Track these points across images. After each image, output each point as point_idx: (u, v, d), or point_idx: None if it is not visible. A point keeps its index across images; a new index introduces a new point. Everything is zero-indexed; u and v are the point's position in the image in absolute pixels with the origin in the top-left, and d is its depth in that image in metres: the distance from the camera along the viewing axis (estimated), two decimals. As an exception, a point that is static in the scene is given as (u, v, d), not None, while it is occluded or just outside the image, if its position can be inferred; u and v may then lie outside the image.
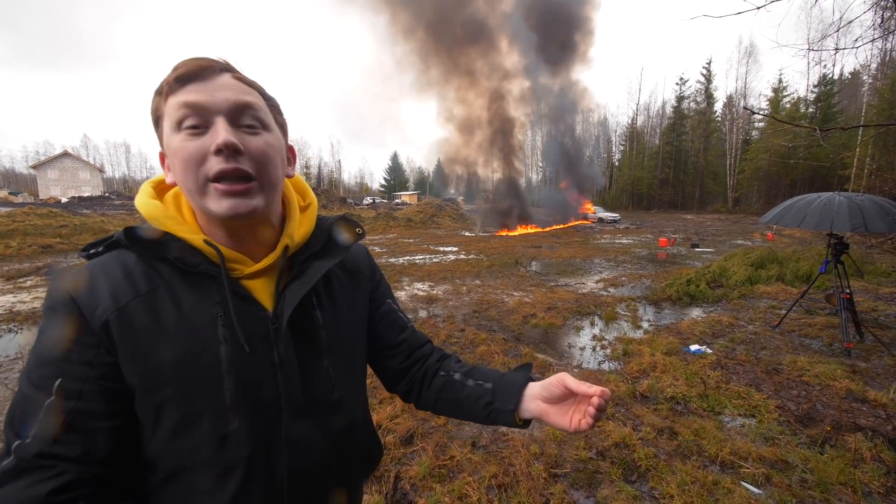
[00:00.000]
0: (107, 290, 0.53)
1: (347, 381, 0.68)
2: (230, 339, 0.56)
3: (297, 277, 0.62)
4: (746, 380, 3.37)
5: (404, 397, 0.81)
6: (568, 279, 7.94)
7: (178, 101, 0.53)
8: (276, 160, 0.58)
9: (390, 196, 59.19)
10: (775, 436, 2.58)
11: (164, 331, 0.54)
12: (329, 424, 0.64)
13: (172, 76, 0.54)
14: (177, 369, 0.53)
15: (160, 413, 0.54)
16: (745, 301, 5.94)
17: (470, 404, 0.73)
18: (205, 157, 0.53)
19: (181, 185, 0.56)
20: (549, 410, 0.67)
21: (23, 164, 71.43)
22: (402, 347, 0.79)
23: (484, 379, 0.74)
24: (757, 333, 4.54)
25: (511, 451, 2.40)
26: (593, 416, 0.62)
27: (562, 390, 0.65)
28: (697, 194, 43.52)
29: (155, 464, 0.55)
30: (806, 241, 13.63)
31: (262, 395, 0.57)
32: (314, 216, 0.69)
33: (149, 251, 0.56)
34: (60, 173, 44.26)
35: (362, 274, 0.76)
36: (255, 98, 0.57)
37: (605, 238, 16.86)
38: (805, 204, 4.18)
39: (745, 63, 40.40)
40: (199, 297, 0.56)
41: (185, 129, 0.53)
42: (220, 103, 0.54)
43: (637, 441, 2.47)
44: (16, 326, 4.80)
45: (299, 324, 0.61)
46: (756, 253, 7.84)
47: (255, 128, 0.56)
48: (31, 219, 13.37)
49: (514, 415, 0.69)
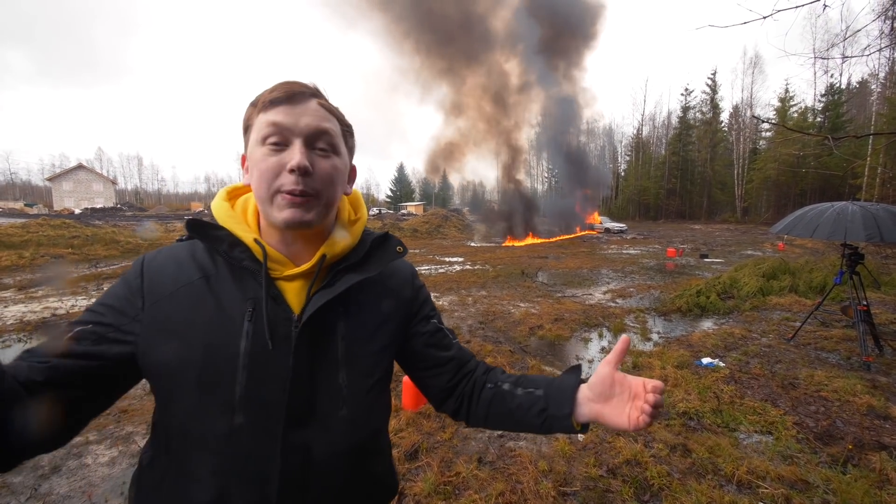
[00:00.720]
0: (170, 273, 0.62)
1: (362, 401, 0.66)
2: (252, 335, 0.59)
3: (327, 286, 0.65)
4: (762, 394, 3.26)
5: (454, 415, 0.79)
6: (575, 290, 7.86)
7: (268, 119, 0.60)
8: (338, 182, 0.65)
9: (396, 207, 59.56)
10: (794, 454, 2.48)
11: (201, 320, 0.59)
12: (331, 441, 0.62)
13: (268, 96, 0.61)
14: (200, 356, 0.58)
15: (176, 394, 0.58)
16: (758, 313, 5.81)
17: (522, 414, 0.71)
18: (280, 171, 0.59)
19: (254, 191, 0.63)
20: (603, 411, 0.65)
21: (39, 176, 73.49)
22: (450, 365, 0.77)
23: (534, 386, 0.72)
24: (771, 346, 4.42)
25: (518, 468, 2.33)
26: (650, 413, 0.61)
27: (608, 387, 0.65)
28: (705, 204, 43.18)
29: (165, 435, 0.60)
30: (818, 251, 13.39)
31: (269, 395, 0.59)
32: (360, 231, 0.72)
33: (205, 242, 0.64)
34: (75, 185, 45.35)
35: (401, 293, 0.76)
36: (332, 125, 0.64)
37: (612, 248, 16.73)
38: (817, 213, 4.10)
39: (751, 73, 40.41)
40: (237, 291, 0.62)
41: (269, 145, 0.60)
42: (302, 128, 0.61)
43: (649, 458, 2.38)
44: (25, 336, 4.85)
45: (319, 331, 0.63)
46: (767, 263, 7.70)
47: (327, 151, 0.63)
48: (45, 230, 13.63)
49: (570, 419, 0.67)
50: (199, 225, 0.64)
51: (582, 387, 0.68)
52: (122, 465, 2.39)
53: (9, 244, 12.20)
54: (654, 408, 0.60)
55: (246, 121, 0.64)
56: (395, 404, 3.02)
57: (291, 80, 0.63)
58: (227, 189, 0.72)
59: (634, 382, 0.63)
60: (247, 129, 0.64)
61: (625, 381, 0.64)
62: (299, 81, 0.64)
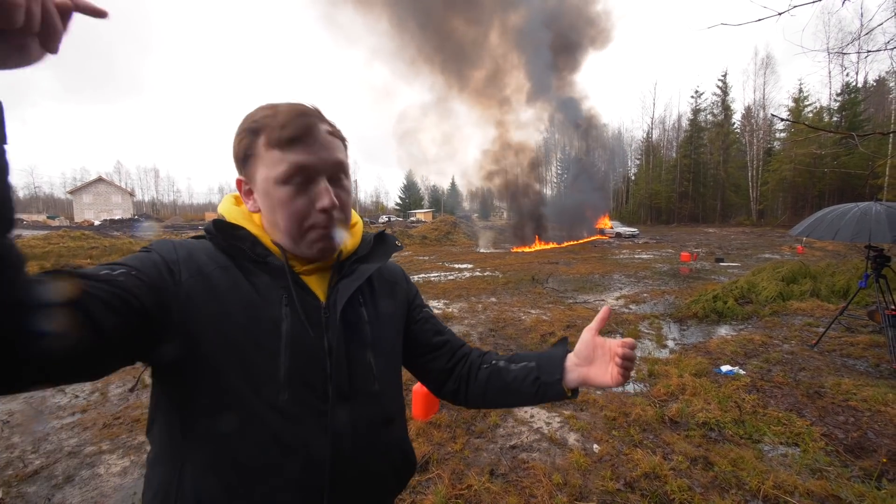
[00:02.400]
0: (199, 260, 0.61)
1: (386, 378, 0.73)
2: (291, 318, 0.62)
3: (347, 276, 0.70)
4: (786, 404, 3.13)
5: (453, 397, 0.85)
6: (586, 296, 7.73)
7: (290, 161, 0.60)
8: (351, 202, 0.69)
9: (405, 214, 59.88)
10: (823, 467, 2.36)
11: (242, 298, 0.60)
12: (370, 414, 0.68)
13: (280, 133, 0.60)
14: (244, 333, 0.59)
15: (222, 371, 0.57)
16: (778, 318, 5.62)
17: (518, 385, 0.77)
18: (309, 212, 0.62)
19: (280, 227, 0.63)
20: (588, 373, 0.73)
21: (61, 189, 75.98)
22: (446, 348, 0.84)
23: (526, 360, 0.79)
24: (794, 353, 4.25)
25: (532, 481, 2.26)
26: (621, 365, 0.69)
27: (590, 351, 0.73)
28: (719, 207, 42.37)
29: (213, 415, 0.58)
30: (840, 254, 12.98)
31: (312, 375, 0.62)
32: (360, 232, 0.77)
33: (227, 241, 0.64)
34: (94, 197, 46.71)
35: (399, 285, 0.83)
36: (343, 154, 0.66)
37: (624, 253, 16.48)
38: (839, 215, 3.96)
39: (763, 74, 39.79)
40: (268, 280, 0.64)
41: (293, 185, 0.61)
42: (324, 165, 0.62)
43: (668, 471, 2.29)
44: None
45: (348, 316, 0.68)
46: (786, 267, 7.47)
47: (342, 180, 0.66)
48: (65, 241, 14.04)
49: (560, 384, 0.73)
50: (223, 225, 0.65)
51: (569, 355, 0.76)
52: (133, 475, 2.39)
53: (31, 255, 12.59)
54: (625, 360, 0.69)
55: (245, 149, 0.63)
56: (406, 414, 2.98)
57: (297, 108, 0.62)
58: (233, 195, 0.73)
59: (612, 343, 0.71)
60: (247, 158, 0.63)
61: (604, 344, 0.72)
62: (304, 107, 0.63)
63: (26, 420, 3.09)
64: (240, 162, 0.65)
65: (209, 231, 0.66)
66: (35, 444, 2.75)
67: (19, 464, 2.53)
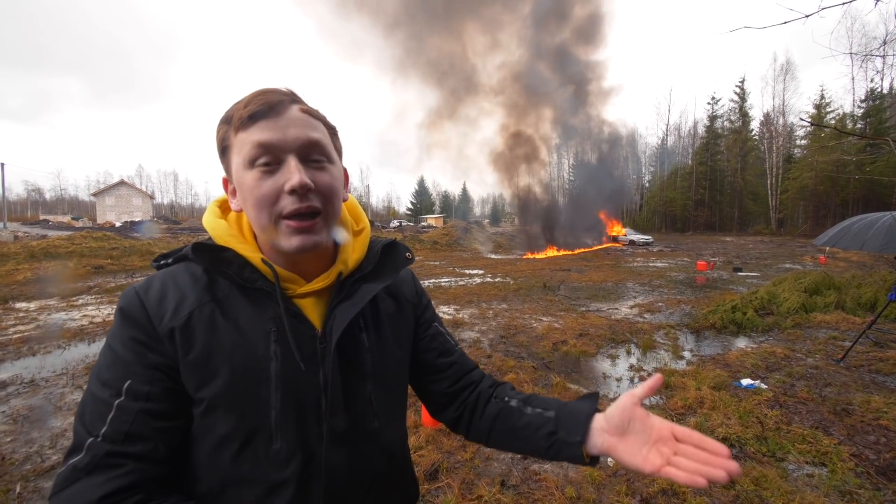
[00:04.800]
0: (173, 299, 0.56)
1: (388, 412, 0.66)
2: (281, 356, 0.56)
3: (347, 299, 0.62)
4: (811, 421, 3.00)
5: (453, 425, 0.76)
6: (600, 304, 7.60)
7: (251, 140, 0.54)
8: (339, 192, 0.61)
9: (416, 219, 60.13)
10: (853, 489, 2.24)
11: (221, 344, 0.55)
12: (367, 452, 0.62)
13: (245, 112, 0.55)
14: (229, 382, 0.54)
15: (208, 425, 0.55)
16: (801, 331, 5.42)
17: (529, 433, 0.66)
18: (278, 195, 0.54)
19: (252, 220, 0.58)
20: (618, 445, 0.58)
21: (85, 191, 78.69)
22: (451, 371, 0.76)
23: (544, 407, 0.67)
24: (818, 368, 4.08)
25: (544, 493, 2.20)
26: (669, 459, 0.54)
27: (626, 421, 0.58)
28: (737, 215, 41.42)
29: (200, 476, 0.56)
30: (865, 265, 12.51)
31: (305, 416, 0.57)
32: (367, 240, 0.69)
33: (212, 265, 0.58)
34: (116, 200, 48.26)
35: (407, 299, 0.74)
36: (321, 133, 0.59)
37: (638, 261, 16.20)
38: (866, 225, 3.82)
39: (783, 80, 38.99)
40: (254, 311, 0.57)
41: (259, 167, 0.54)
42: (292, 141, 0.55)
43: (687, 489, 2.20)
44: (64, 343, 5.08)
45: (346, 345, 0.61)
46: (809, 278, 7.21)
47: (322, 162, 0.58)
48: (88, 242, 14.48)
49: (580, 448, 0.61)
50: (205, 249, 0.58)
51: (597, 416, 0.62)
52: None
53: (55, 255, 13.02)
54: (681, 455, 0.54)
55: (221, 142, 0.58)
56: (415, 420, 2.95)
57: (265, 88, 0.57)
58: (216, 202, 0.66)
59: (659, 425, 0.57)
60: (224, 150, 0.58)
61: (647, 420, 0.58)
62: (274, 88, 0.58)
63: (44, 416, 3.16)
64: (221, 157, 0.60)
65: (190, 258, 0.59)
66: (53, 440, 2.80)
67: (37, 459, 2.58)
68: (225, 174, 0.62)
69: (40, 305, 7.30)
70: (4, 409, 3.28)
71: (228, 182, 0.62)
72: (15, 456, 2.61)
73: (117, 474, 0.49)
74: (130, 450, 0.51)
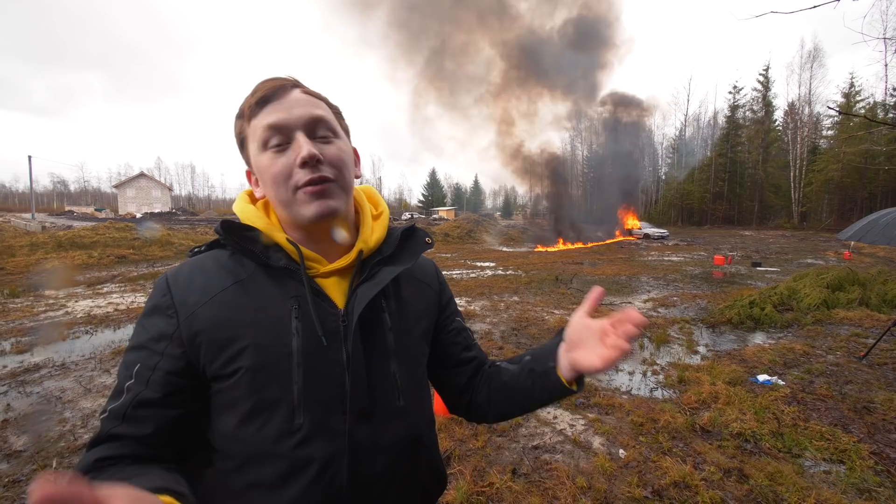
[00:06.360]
0: (200, 283, 0.60)
1: (413, 391, 0.67)
2: (303, 332, 0.58)
3: (369, 279, 0.64)
4: (830, 418, 2.94)
5: (467, 414, 0.80)
6: (613, 298, 7.53)
7: (262, 124, 0.59)
8: (349, 164, 0.64)
9: (428, 211, 60.14)
10: (872, 487, 2.20)
11: (244, 321, 0.57)
12: (393, 433, 0.62)
13: (252, 100, 0.60)
14: (252, 358, 0.56)
15: (232, 399, 0.56)
16: (822, 327, 5.29)
17: (515, 382, 0.72)
18: (291, 170, 0.59)
19: (273, 199, 0.62)
20: (576, 356, 0.64)
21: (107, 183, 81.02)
22: (471, 366, 0.79)
23: (523, 355, 0.75)
24: (839, 365, 3.99)
25: (555, 483, 2.23)
26: (612, 344, 0.60)
27: (577, 331, 0.65)
28: (757, 209, 40.24)
29: (221, 450, 0.57)
30: (892, 260, 12.07)
31: (328, 392, 0.58)
32: (386, 224, 0.72)
33: (238, 243, 0.61)
34: (137, 192, 49.52)
35: (430, 287, 0.77)
36: (324, 111, 0.63)
37: (653, 255, 15.93)
38: (894, 218, 3.68)
39: (809, 67, 37.36)
40: (277, 290, 0.60)
41: (271, 149, 0.59)
42: (297, 119, 0.60)
43: (700, 482, 2.20)
44: (91, 328, 5.30)
45: (369, 324, 0.63)
46: (832, 273, 7.00)
47: (329, 137, 0.62)
48: (111, 232, 14.93)
49: (555, 372, 0.67)
50: (231, 227, 0.62)
51: (562, 343, 0.69)
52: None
53: (80, 245, 13.48)
54: (620, 336, 0.60)
55: (238, 135, 0.64)
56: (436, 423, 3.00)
57: (268, 78, 0.63)
58: (246, 192, 0.70)
59: (598, 324, 0.64)
60: (242, 142, 0.64)
61: (590, 324, 0.64)
62: (276, 76, 0.63)
63: (75, 398, 3.32)
64: (240, 150, 0.65)
65: (219, 233, 0.63)
66: (84, 420, 2.95)
67: (70, 437, 2.72)
68: (247, 166, 0.66)
69: (68, 294, 7.60)
70: (39, 389, 3.46)
71: (251, 174, 0.67)
72: (50, 434, 2.76)
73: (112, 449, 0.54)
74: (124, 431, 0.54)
